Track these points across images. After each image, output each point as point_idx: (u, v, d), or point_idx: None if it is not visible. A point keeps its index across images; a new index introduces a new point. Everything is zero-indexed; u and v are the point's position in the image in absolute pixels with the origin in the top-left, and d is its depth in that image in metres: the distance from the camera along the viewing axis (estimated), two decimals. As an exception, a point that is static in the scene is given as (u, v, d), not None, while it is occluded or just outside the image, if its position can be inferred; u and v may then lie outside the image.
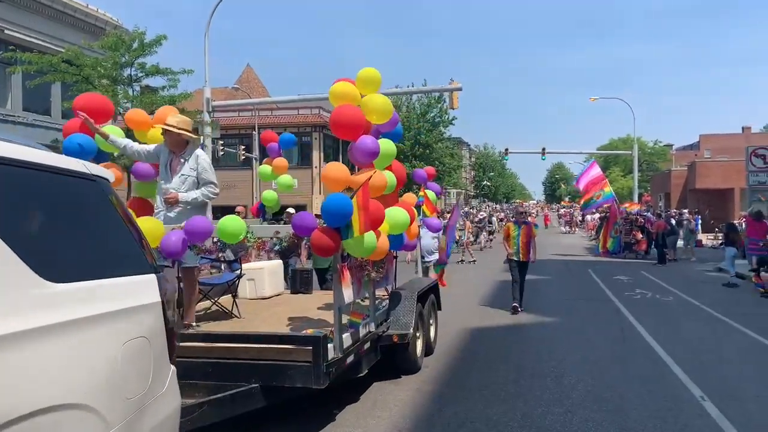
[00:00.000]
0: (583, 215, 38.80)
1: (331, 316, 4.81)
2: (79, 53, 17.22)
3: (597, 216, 26.82)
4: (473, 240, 26.73)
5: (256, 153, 31.09)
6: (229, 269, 6.22)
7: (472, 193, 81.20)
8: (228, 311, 5.74)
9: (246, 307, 6.16)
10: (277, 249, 7.60)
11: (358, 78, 5.42)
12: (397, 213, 5.24)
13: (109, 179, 2.68)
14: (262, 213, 8.38)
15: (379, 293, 6.52)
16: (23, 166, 2.12)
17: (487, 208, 56.63)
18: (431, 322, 7.30)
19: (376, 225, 4.74)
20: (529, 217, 14.29)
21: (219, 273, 6.43)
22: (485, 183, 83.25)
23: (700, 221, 26.82)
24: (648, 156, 60.78)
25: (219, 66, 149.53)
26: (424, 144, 35.38)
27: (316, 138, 35.42)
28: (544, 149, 37.60)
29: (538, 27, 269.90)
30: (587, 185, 23.36)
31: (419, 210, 7.50)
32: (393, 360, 6.14)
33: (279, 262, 7.82)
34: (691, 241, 22.05)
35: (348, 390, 5.48)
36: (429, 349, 7.07)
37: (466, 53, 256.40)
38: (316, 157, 35.22)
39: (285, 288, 7.71)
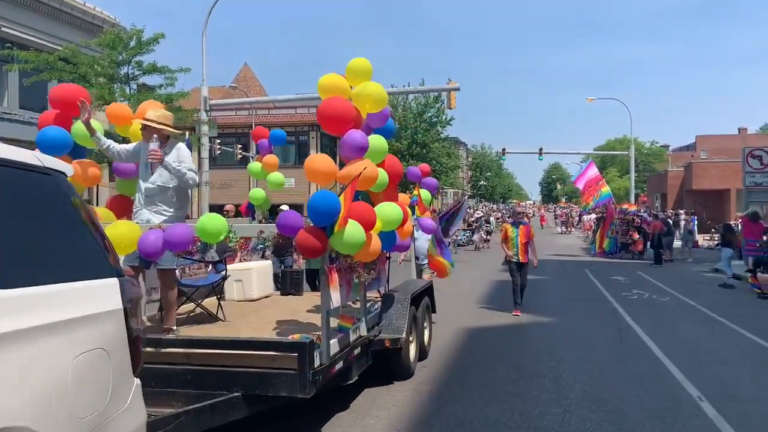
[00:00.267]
0: (580, 215, 38.72)
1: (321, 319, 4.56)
2: (76, 51, 17.13)
3: (593, 216, 26.71)
4: (467, 241, 26.56)
5: (253, 152, 30.81)
6: (214, 270, 5.97)
7: (468, 193, 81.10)
8: (212, 314, 5.51)
9: (232, 310, 5.94)
10: (261, 249, 7.34)
11: (348, 69, 5.11)
12: (390, 209, 4.89)
13: (67, 173, 2.43)
14: (251, 212, 8.12)
15: (371, 295, 6.28)
16: None
17: (484, 207, 56.40)
18: (425, 325, 7.06)
19: (368, 227, 4.46)
20: (525, 218, 14.11)
21: (204, 274, 6.16)
22: (482, 183, 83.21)
23: (696, 222, 26.74)
24: (645, 157, 60.81)
25: (216, 65, 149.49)
26: (421, 143, 35.18)
27: (313, 137, 35.12)
28: (541, 149, 37.47)
29: (536, 27, 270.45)
30: (585, 186, 23.32)
31: (413, 210, 7.23)
32: (385, 365, 5.90)
33: (268, 262, 7.58)
34: (689, 242, 22.03)
35: (346, 390, 5.33)
36: (423, 354, 6.84)
37: (464, 53, 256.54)
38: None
39: (274, 289, 7.49)
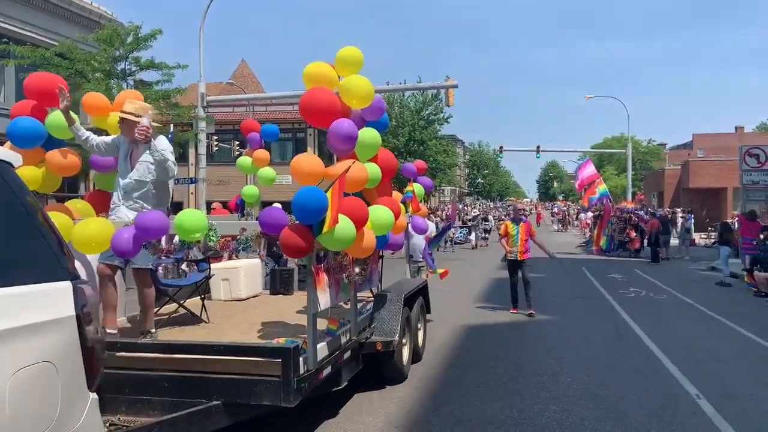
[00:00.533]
0: (577, 213, 38.59)
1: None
2: (73, 47, 17.01)
3: (590, 214, 26.58)
4: (463, 239, 26.31)
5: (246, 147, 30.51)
6: (197, 269, 5.70)
7: (466, 191, 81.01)
8: (196, 315, 5.26)
9: (218, 310, 5.69)
10: (243, 248, 7.07)
11: (337, 58, 4.82)
12: (380, 213, 4.58)
13: (13, 163, 2.16)
14: (240, 209, 7.86)
15: (363, 296, 6.03)
16: None
17: (480, 205, 56.16)
18: (419, 326, 6.81)
19: (360, 225, 4.18)
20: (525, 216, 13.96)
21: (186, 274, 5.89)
22: (479, 181, 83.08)
23: (693, 220, 26.62)
24: (642, 155, 60.62)
25: (214, 61, 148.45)
26: (418, 141, 34.94)
27: (310, 134, 34.71)
28: (538, 147, 37.32)
29: (534, 25, 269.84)
30: (581, 186, 23.32)
31: (406, 207, 6.97)
32: (377, 369, 5.65)
33: (257, 260, 7.32)
34: (686, 240, 21.91)
35: (344, 387, 5.13)
36: (417, 356, 6.59)
37: (461, 51, 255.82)
38: (310, 154, 34.69)
39: (264, 288, 7.24)
